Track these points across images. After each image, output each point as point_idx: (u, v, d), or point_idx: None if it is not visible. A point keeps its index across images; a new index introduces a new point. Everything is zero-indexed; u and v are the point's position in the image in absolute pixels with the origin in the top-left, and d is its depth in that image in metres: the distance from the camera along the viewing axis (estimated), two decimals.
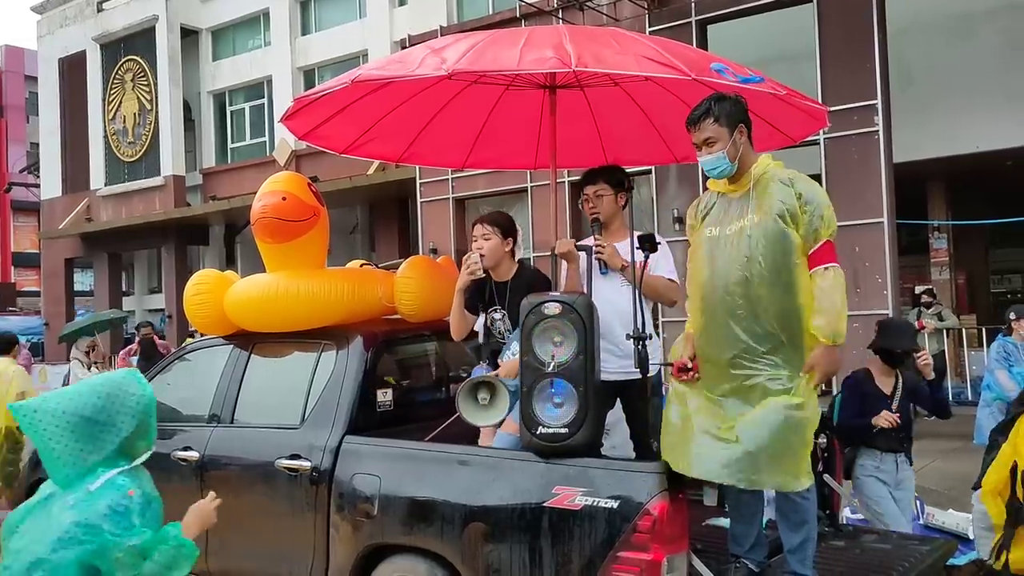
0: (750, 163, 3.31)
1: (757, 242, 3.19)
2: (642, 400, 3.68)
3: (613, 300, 3.68)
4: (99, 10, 24.41)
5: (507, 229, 4.01)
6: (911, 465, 4.86)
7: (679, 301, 3.76)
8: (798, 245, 3.19)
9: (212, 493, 2.78)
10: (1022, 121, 11.63)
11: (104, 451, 2.43)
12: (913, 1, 11.60)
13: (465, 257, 3.94)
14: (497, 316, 3.99)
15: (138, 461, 2.53)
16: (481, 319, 4.05)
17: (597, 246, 3.74)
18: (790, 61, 11.65)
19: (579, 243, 3.90)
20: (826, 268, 3.19)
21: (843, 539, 4.09)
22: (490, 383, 3.53)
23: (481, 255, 3.91)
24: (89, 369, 11.46)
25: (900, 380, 4.81)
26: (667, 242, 3.89)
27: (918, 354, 4.73)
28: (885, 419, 4.55)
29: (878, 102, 11.10)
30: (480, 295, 4.03)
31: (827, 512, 4.20)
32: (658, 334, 4.28)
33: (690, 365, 3.34)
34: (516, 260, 4.09)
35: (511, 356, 3.70)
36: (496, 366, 3.84)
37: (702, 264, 3.35)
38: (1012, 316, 7.09)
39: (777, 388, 3.16)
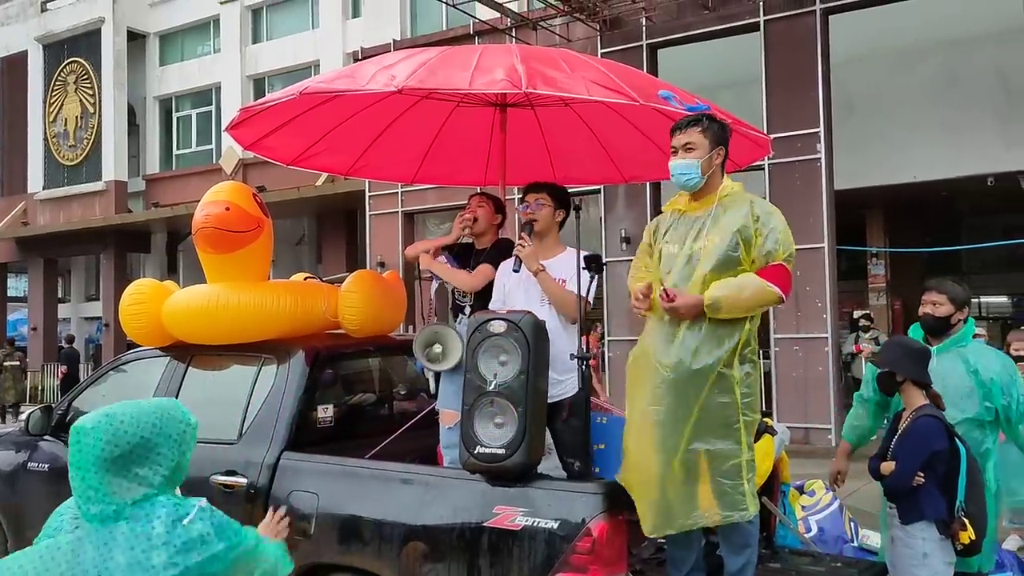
0: (715, 185, 3.35)
1: (709, 262, 3.21)
2: (572, 419, 3.64)
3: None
4: (43, 10, 23.88)
5: (500, 206, 4.38)
6: (904, 524, 3.59)
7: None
8: (743, 265, 3.21)
9: (279, 510, 2.63)
10: (958, 153, 12.01)
11: None
12: (856, 34, 11.92)
13: (460, 215, 4.29)
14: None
15: None
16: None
17: (519, 243, 3.74)
18: (737, 87, 11.88)
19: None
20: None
21: (779, 561, 4.14)
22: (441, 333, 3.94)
23: (475, 218, 4.23)
24: None
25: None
26: (614, 262, 3.94)
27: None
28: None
29: (821, 130, 11.38)
30: (461, 261, 4.31)
31: (764, 534, 4.24)
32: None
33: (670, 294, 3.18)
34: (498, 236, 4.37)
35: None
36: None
37: (661, 277, 3.34)
38: None
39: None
